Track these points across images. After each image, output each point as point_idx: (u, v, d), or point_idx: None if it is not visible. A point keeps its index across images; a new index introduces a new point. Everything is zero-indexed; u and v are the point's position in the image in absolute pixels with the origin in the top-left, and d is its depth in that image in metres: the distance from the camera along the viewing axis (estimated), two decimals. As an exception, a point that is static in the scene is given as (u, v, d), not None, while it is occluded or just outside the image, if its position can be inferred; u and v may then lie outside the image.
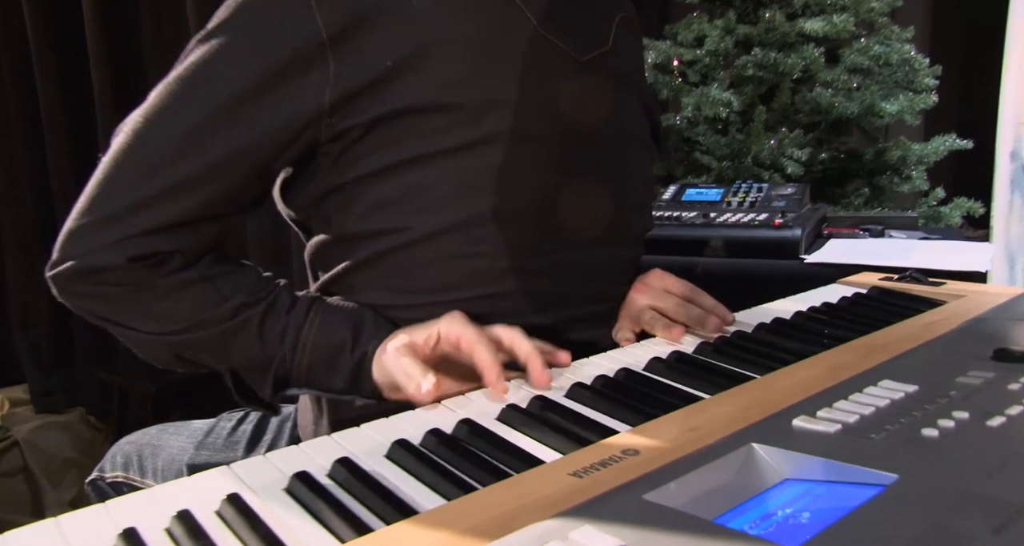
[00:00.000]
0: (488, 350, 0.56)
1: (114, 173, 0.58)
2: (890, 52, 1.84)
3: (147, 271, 0.58)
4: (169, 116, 0.58)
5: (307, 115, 0.59)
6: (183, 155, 0.58)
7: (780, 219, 1.16)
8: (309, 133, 0.61)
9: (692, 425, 0.45)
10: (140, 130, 0.58)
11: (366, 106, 0.59)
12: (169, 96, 0.59)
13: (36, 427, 2.38)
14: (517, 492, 0.39)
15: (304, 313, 0.62)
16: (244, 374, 0.63)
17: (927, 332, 0.61)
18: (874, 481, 0.34)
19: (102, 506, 0.41)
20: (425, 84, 0.60)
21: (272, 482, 0.42)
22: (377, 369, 0.60)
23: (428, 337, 0.59)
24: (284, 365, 0.62)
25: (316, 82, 0.59)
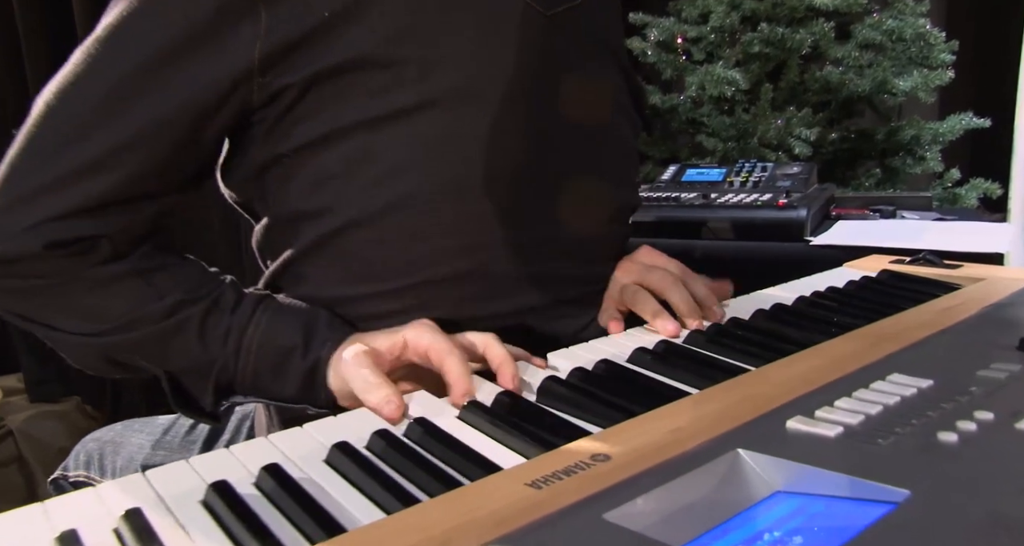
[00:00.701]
0: (459, 362, 0.50)
1: (26, 149, 0.52)
2: (904, 26, 1.76)
3: (69, 261, 0.52)
4: (84, 83, 0.52)
5: (236, 74, 0.53)
6: (101, 125, 0.52)
7: (785, 199, 1.09)
8: (240, 95, 0.54)
9: (674, 426, 0.40)
10: (52, 100, 0.52)
11: (301, 62, 0.53)
12: (84, 61, 0.52)
13: (30, 416, 2.35)
14: (463, 506, 0.33)
15: (250, 312, 0.56)
16: (184, 379, 0.57)
17: (943, 319, 0.55)
18: (881, 497, 0.29)
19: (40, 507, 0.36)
20: (366, 36, 0.53)
21: (190, 491, 0.37)
22: (334, 376, 0.54)
23: (392, 345, 0.53)
24: (227, 370, 0.56)
25: (246, 37, 0.52)
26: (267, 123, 0.56)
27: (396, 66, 0.54)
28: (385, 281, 0.58)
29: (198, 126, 0.54)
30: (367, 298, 0.58)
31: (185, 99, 0.53)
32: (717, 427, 0.38)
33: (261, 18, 0.52)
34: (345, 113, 0.54)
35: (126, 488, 0.37)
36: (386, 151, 0.55)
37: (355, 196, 0.56)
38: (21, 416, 2.35)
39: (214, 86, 0.53)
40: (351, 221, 0.56)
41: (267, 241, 0.62)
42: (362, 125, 0.54)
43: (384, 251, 0.57)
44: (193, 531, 0.33)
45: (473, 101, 0.56)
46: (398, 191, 0.56)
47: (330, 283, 0.59)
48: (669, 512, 0.30)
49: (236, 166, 0.60)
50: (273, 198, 0.59)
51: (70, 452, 0.81)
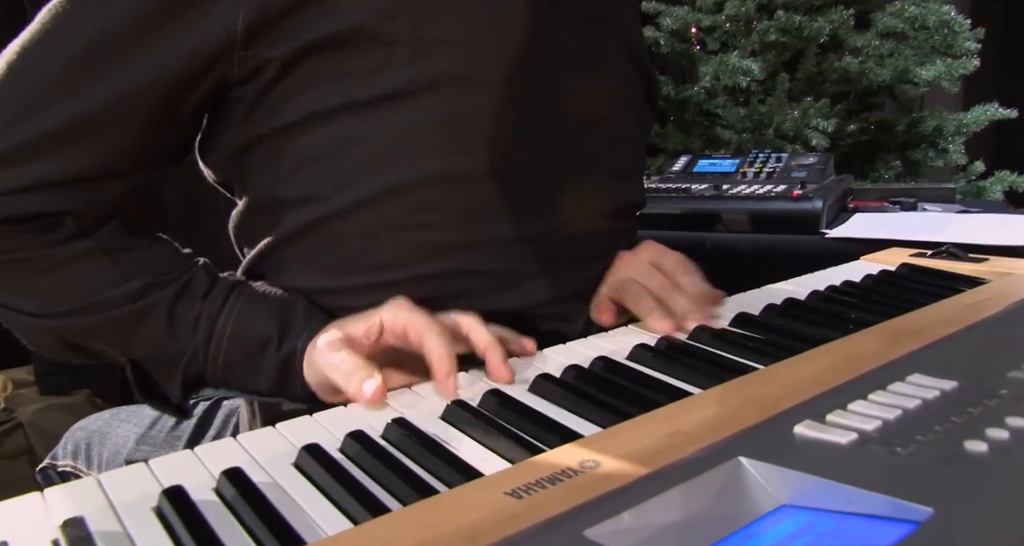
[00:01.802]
0: (440, 340, 0.46)
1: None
2: (927, 14, 1.71)
3: (29, 236, 0.49)
4: (49, 46, 0.49)
5: (215, 45, 0.49)
6: (65, 94, 0.48)
7: (799, 190, 1.05)
8: (219, 69, 0.51)
9: (672, 429, 0.36)
10: (15, 63, 0.49)
11: (286, 34, 0.50)
12: (51, 21, 0.49)
13: (40, 409, 2.35)
14: (435, 517, 0.30)
15: (222, 299, 0.53)
16: (150, 368, 0.54)
17: (967, 315, 0.51)
18: (900, 515, 0.25)
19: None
20: (358, 8, 0.50)
21: (143, 497, 0.34)
22: (308, 368, 0.51)
23: (369, 327, 0.49)
24: (197, 361, 0.52)
25: (226, 7, 0.49)
26: (247, 101, 0.52)
27: (388, 44, 0.50)
28: (368, 274, 0.54)
29: (173, 100, 0.51)
30: (349, 292, 0.55)
31: (159, 70, 0.49)
32: (718, 432, 0.34)
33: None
34: (331, 93, 0.51)
35: (76, 493, 0.34)
36: (374, 136, 0.52)
37: (339, 183, 0.53)
38: (31, 408, 2.35)
39: (191, 57, 0.50)
40: (334, 210, 0.53)
41: (244, 226, 0.59)
42: (349, 107, 0.51)
43: (369, 243, 0.54)
44: (139, 542, 0.31)
45: (468, 86, 0.53)
46: (385, 180, 0.52)
47: (310, 274, 0.56)
48: (659, 528, 0.27)
49: (214, 145, 0.57)
50: (252, 181, 0.56)
51: None
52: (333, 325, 0.51)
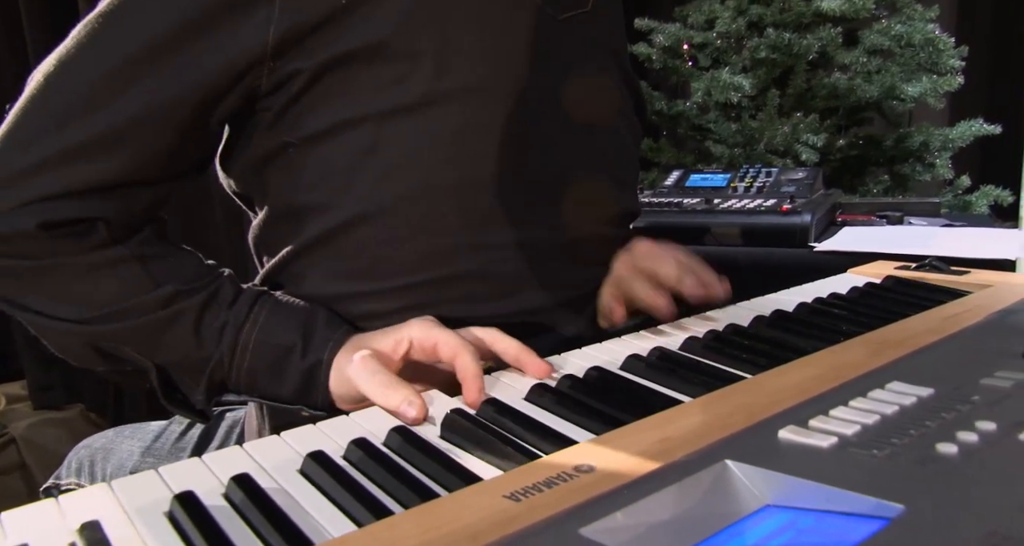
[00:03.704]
0: (473, 358, 0.49)
1: (22, 124, 0.51)
2: (912, 32, 1.74)
3: (63, 243, 0.50)
4: (87, 58, 0.51)
5: (248, 58, 0.52)
6: (103, 104, 0.50)
7: (788, 204, 1.07)
8: (248, 81, 0.53)
9: (662, 435, 0.38)
10: (53, 74, 0.51)
11: (314, 48, 0.52)
12: (88, 36, 0.51)
13: (33, 423, 2.35)
14: (437, 519, 0.32)
15: (247, 308, 0.54)
16: (174, 374, 0.55)
17: (948, 326, 0.53)
18: (874, 513, 0.27)
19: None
20: (381, 25, 0.52)
21: (155, 502, 0.35)
22: (337, 379, 0.53)
23: (397, 343, 0.51)
24: (221, 367, 0.54)
25: (260, 19, 0.51)
26: (273, 111, 0.54)
27: (409, 58, 0.53)
28: (386, 279, 0.57)
29: (204, 111, 0.53)
30: (367, 296, 0.57)
31: (192, 82, 0.51)
32: (706, 437, 0.36)
33: (275, 2, 0.51)
34: (354, 104, 0.53)
35: (89, 499, 0.36)
36: (393, 145, 0.54)
37: (360, 191, 0.55)
38: (24, 423, 2.35)
39: (224, 70, 0.52)
40: (354, 217, 0.55)
41: (265, 236, 0.61)
42: (371, 117, 0.53)
43: (387, 248, 0.56)
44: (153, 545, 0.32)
45: (482, 99, 0.55)
46: (403, 187, 0.54)
47: (330, 280, 0.57)
48: (651, 526, 0.29)
49: (238, 155, 0.59)
50: (275, 190, 0.58)
51: None
52: (359, 338, 0.53)
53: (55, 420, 2.41)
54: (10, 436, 2.29)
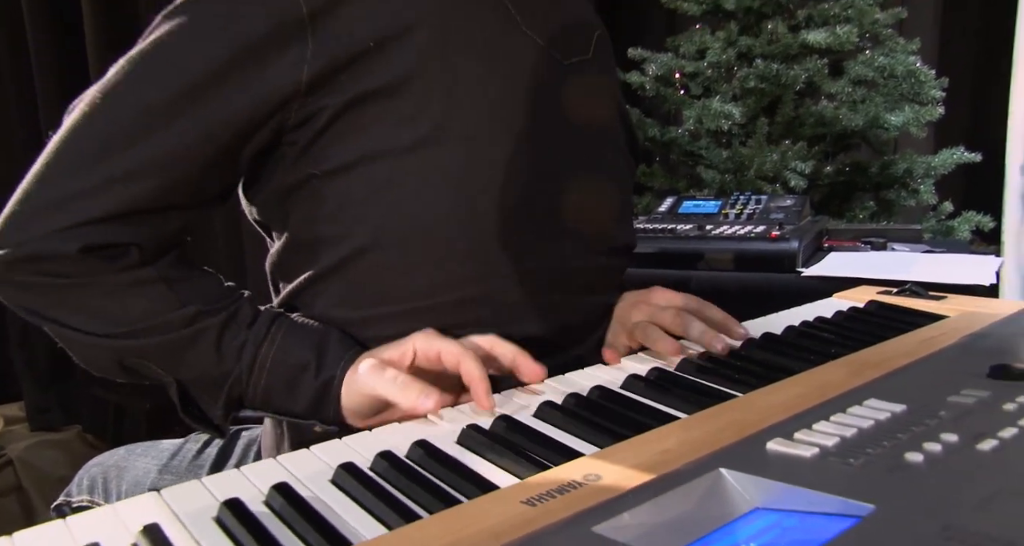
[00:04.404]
0: (475, 363, 0.53)
1: (66, 152, 0.54)
2: (895, 64, 1.81)
3: (99, 264, 0.54)
4: (131, 93, 0.55)
5: (281, 95, 0.56)
6: (144, 135, 0.54)
7: (777, 231, 1.12)
8: (280, 116, 0.57)
9: (662, 447, 0.42)
10: (98, 106, 0.54)
11: (342, 87, 0.56)
12: (132, 72, 0.55)
13: (31, 445, 2.35)
14: (461, 521, 0.35)
15: (265, 329, 0.58)
16: (193, 390, 0.59)
17: (923, 348, 0.57)
18: (848, 512, 0.31)
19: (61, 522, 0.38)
20: (402, 64, 0.57)
21: (203, 509, 0.39)
22: (347, 393, 0.56)
23: (403, 353, 0.55)
24: (239, 384, 0.58)
25: (292, 60, 0.55)
26: (299, 145, 0.58)
27: (425, 97, 0.57)
28: (396, 305, 0.60)
29: (237, 144, 0.57)
30: (378, 320, 0.60)
31: (228, 117, 0.55)
32: (702, 449, 0.40)
33: (308, 43, 0.55)
34: (373, 139, 0.57)
35: (142, 506, 0.39)
36: (408, 178, 0.58)
37: (374, 221, 0.59)
38: (21, 445, 2.35)
39: (259, 106, 0.56)
40: (368, 246, 0.59)
41: (283, 263, 0.64)
42: (388, 152, 0.57)
43: (398, 276, 0.60)
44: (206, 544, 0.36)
45: (491, 136, 0.60)
46: (416, 218, 0.58)
47: (343, 305, 0.61)
48: (655, 525, 0.32)
49: (263, 185, 0.62)
50: (295, 220, 0.61)
51: (71, 481, 0.82)
52: (368, 354, 0.56)
53: (52, 442, 2.42)
54: (7, 458, 2.30)
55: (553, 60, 0.65)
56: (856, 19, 1.85)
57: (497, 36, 0.61)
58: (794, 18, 1.94)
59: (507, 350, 0.56)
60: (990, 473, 0.33)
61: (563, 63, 0.66)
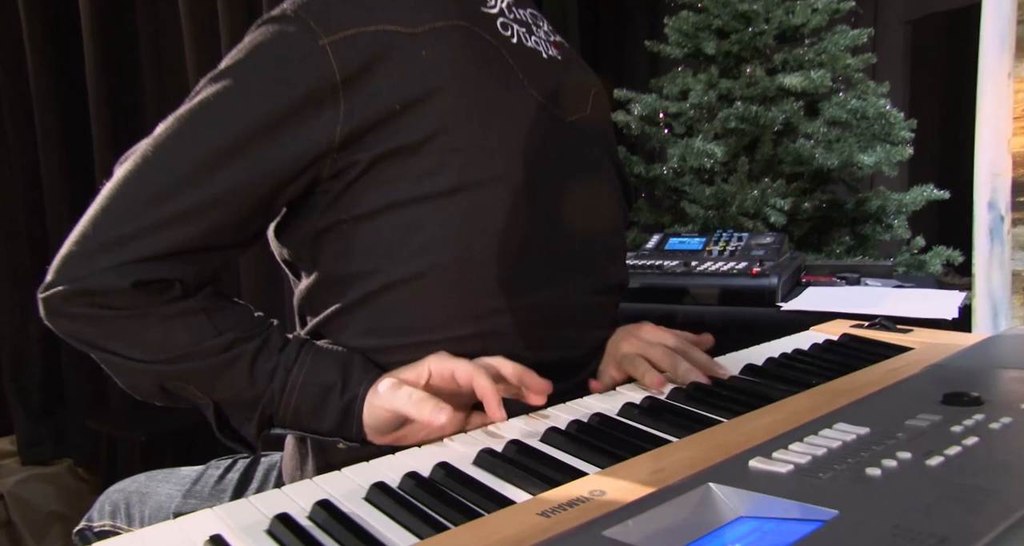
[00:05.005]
0: (486, 378, 0.59)
1: (120, 198, 0.60)
2: (866, 106, 1.91)
3: (148, 297, 0.59)
4: (180, 146, 0.60)
5: (316, 151, 0.62)
6: (192, 183, 0.60)
7: (758, 268, 1.19)
8: (315, 169, 0.63)
9: (657, 467, 0.48)
10: (150, 157, 0.60)
11: (371, 144, 0.62)
12: (180, 129, 0.61)
13: (21, 480, 2.36)
14: (486, 531, 0.41)
15: (295, 354, 0.64)
16: (228, 410, 0.64)
17: (889, 377, 0.64)
18: (816, 517, 0.37)
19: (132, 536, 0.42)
20: (425, 126, 0.63)
21: (254, 523, 0.44)
22: (369, 411, 0.62)
23: (419, 374, 0.62)
24: (271, 404, 0.63)
25: (327, 120, 0.61)
26: (331, 193, 0.65)
27: (445, 152, 0.64)
28: (417, 335, 0.66)
29: (275, 193, 0.63)
30: (400, 349, 0.66)
31: (269, 169, 0.61)
32: (693, 467, 0.46)
33: (341, 104, 0.62)
34: (400, 189, 0.64)
35: (201, 521, 0.44)
36: (431, 223, 0.64)
37: (400, 260, 0.65)
38: (12, 479, 2.35)
39: (296, 159, 0.62)
40: (392, 283, 0.65)
41: (310, 299, 0.70)
42: (413, 200, 0.64)
43: (417, 310, 0.66)
44: (265, 553, 0.41)
45: (503, 186, 0.66)
46: (435, 259, 0.65)
47: (367, 336, 0.67)
48: (656, 530, 0.38)
49: (294, 229, 0.69)
50: (325, 260, 0.67)
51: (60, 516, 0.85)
52: (387, 375, 0.62)
53: (43, 476, 2.42)
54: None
55: (555, 118, 0.72)
56: (829, 64, 1.95)
57: (506, 98, 0.68)
58: (771, 62, 2.04)
59: (514, 369, 0.63)
60: (935, 483, 0.39)
61: (564, 121, 0.73)
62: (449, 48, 0.65)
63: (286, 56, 0.62)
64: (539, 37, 0.75)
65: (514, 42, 0.71)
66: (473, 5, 0.70)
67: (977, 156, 2.16)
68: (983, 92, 2.14)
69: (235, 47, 0.64)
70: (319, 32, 0.62)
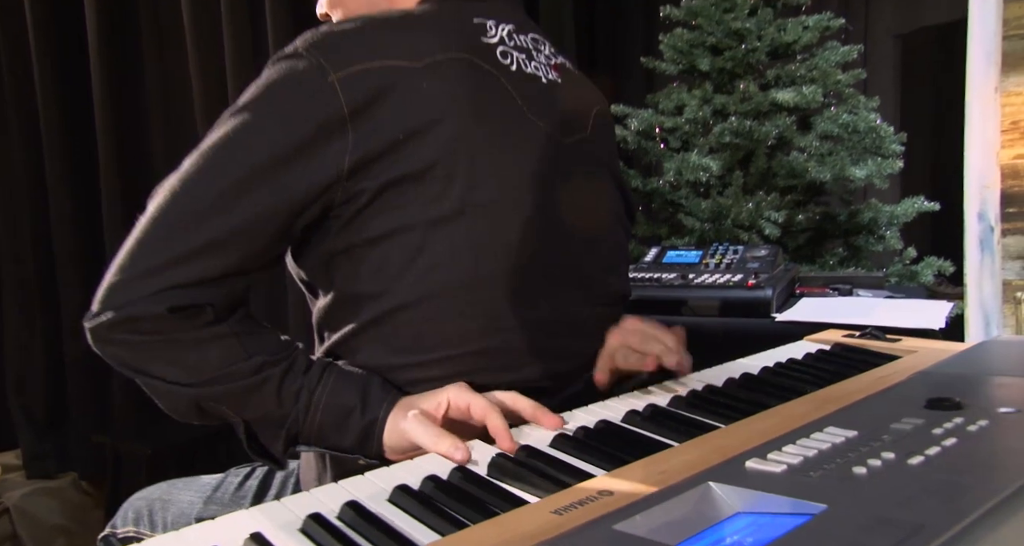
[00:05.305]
0: (499, 417, 0.63)
1: (153, 231, 0.64)
2: (857, 120, 1.95)
3: (183, 322, 0.63)
4: (205, 180, 0.65)
5: (328, 179, 0.66)
6: (218, 213, 0.64)
7: (753, 280, 1.23)
8: (327, 196, 0.67)
9: (660, 469, 0.51)
10: (178, 191, 0.65)
11: (378, 172, 0.66)
12: (205, 163, 0.65)
13: (26, 493, 2.37)
14: (502, 528, 0.44)
15: (318, 375, 0.68)
16: (257, 428, 0.68)
17: (877, 384, 0.67)
18: (807, 511, 0.40)
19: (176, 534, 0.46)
20: (428, 154, 0.67)
21: (288, 522, 0.48)
22: (391, 433, 0.66)
23: (438, 404, 0.65)
24: (297, 423, 0.67)
25: (336, 150, 0.66)
26: (342, 219, 0.68)
27: (448, 178, 0.68)
28: (428, 352, 0.70)
29: (292, 219, 0.67)
30: (413, 366, 0.70)
31: (288, 198, 0.66)
32: (694, 468, 0.49)
33: (348, 136, 0.66)
34: (407, 213, 0.68)
35: (238, 521, 0.48)
36: (438, 246, 0.68)
37: (410, 281, 0.69)
38: (17, 493, 2.37)
39: (310, 188, 0.66)
40: (404, 303, 0.69)
41: (328, 318, 0.74)
42: (420, 224, 0.68)
43: (428, 328, 0.70)
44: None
45: (505, 208, 0.70)
46: (444, 279, 0.69)
47: (382, 353, 0.71)
48: (661, 524, 0.41)
49: (310, 251, 0.72)
50: (339, 280, 0.71)
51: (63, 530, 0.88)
52: (407, 400, 0.66)
53: (48, 489, 2.44)
54: (4, 506, 2.32)
55: (554, 140, 0.76)
56: (820, 79, 2.00)
57: (505, 124, 0.72)
58: (764, 78, 2.09)
59: (526, 405, 0.66)
60: (915, 480, 0.42)
61: (563, 143, 0.77)
62: (449, 80, 0.69)
63: (298, 92, 0.66)
64: (539, 62, 0.79)
65: (513, 70, 0.75)
66: (473, 37, 0.74)
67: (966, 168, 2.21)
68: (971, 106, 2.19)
69: (253, 83, 0.68)
70: (328, 69, 0.66)
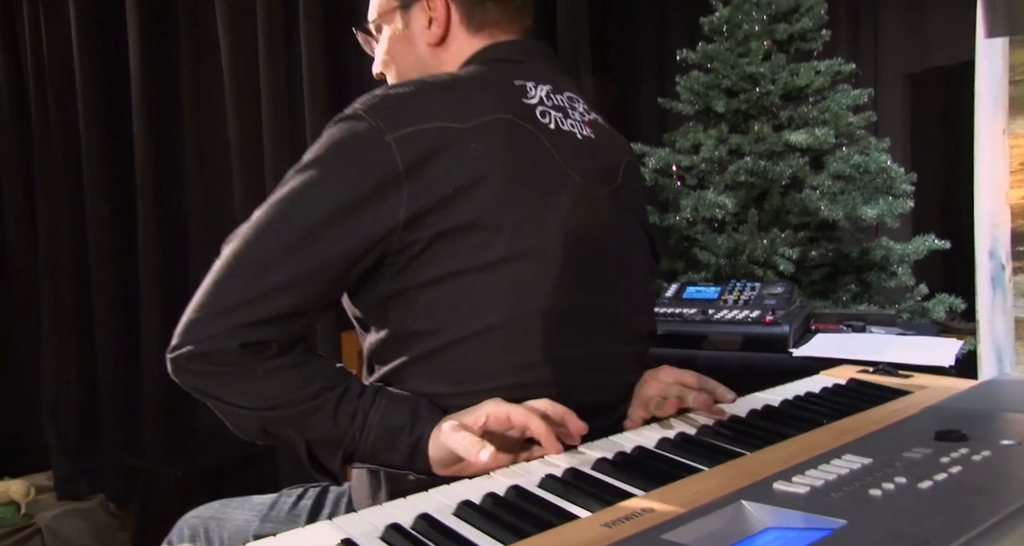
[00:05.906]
0: (538, 420, 0.70)
1: (228, 274, 0.72)
2: (868, 161, 2.02)
3: (252, 356, 0.71)
4: (274, 232, 0.72)
5: (384, 231, 0.73)
6: (287, 260, 0.71)
7: (771, 316, 1.29)
8: (383, 245, 0.74)
9: (694, 489, 0.57)
10: (250, 239, 0.72)
11: (430, 224, 0.74)
12: (273, 215, 0.73)
13: (58, 514, 2.44)
14: (560, 538, 0.50)
15: (371, 399, 0.75)
16: (317, 448, 0.75)
17: (890, 417, 0.73)
18: (828, 526, 0.46)
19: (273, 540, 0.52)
20: (476, 208, 0.75)
21: (369, 531, 0.54)
22: (433, 447, 0.72)
23: (476, 418, 0.72)
24: (352, 442, 0.74)
25: (392, 205, 0.73)
26: (397, 266, 0.76)
27: (494, 229, 0.75)
28: (473, 384, 0.77)
29: (351, 266, 0.75)
30: (458, 396, 0.77)
31: (347, 247, 0.73)
32: (726, 489, 0.55)
33: (403, 192, 0.73)
34: (456, 261, 0.75)
35: (323, 530, 0.54)
36: (483, 289, 0.75)
37: (458, 322, 0.76)
38: (49, 514, 2.44)
39: (368, 238, 0.73)
40: (452, 340, 0.76)
41: (379, 351, 0.81)
42: (469, 270, 0.75)
43: (471, 363, 0.77)
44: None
45: (546, 256, 0.78)
46: (489, 320, 0.76)
47: (430, 383, 0.78)
48: (702, 536, 0.48)
49: (366, 293, 0.80)
50: (392, 319, 0.78)
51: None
52: (449, 417, 0.72)
53: (78, 511, 2.50)
54: (36, 526, 2.38)
55: (588, 192, 0.83)
56: (832, 121, 2.07)
57: (545, 179, 0.80)
58: (777, 119, 2.17)
59: (558, 410, 0.73)
60: (923, 501, 0.48)
61: (596, 194, 0.84)
62: (494, 140, 0.77)
63: (358, 151, 0.74)
64: (574, 120, 0.87)
65: (552, 128, 0.83)
66: (515, 99, 0.82)
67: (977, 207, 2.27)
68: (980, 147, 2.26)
69: (316, 142, 0.77)
70: (385, 129, 0.74)
